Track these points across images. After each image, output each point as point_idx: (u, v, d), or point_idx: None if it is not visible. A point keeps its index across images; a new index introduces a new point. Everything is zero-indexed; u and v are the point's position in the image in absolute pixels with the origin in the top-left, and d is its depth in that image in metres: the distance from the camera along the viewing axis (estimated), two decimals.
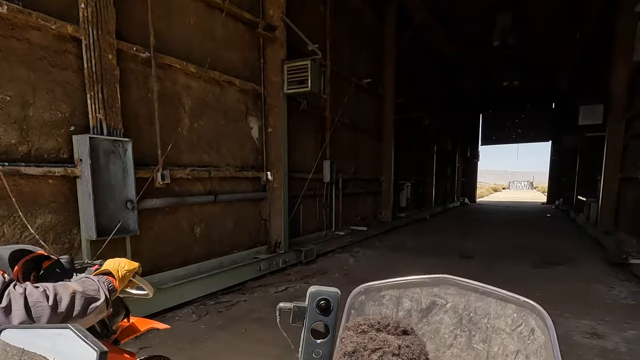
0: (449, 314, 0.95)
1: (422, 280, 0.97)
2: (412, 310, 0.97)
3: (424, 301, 0.97)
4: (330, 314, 0.90)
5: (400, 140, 13.11)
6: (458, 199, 23.71)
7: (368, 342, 0.85)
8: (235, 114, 6.11)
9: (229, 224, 6.09)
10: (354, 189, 10.39)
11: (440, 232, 11.74)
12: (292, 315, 0.92)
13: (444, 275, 0.95)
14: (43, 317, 1.00)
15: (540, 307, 0.85)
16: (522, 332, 0.86)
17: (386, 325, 0.90)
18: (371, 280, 1.02)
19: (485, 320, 0.91)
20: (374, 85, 11.19)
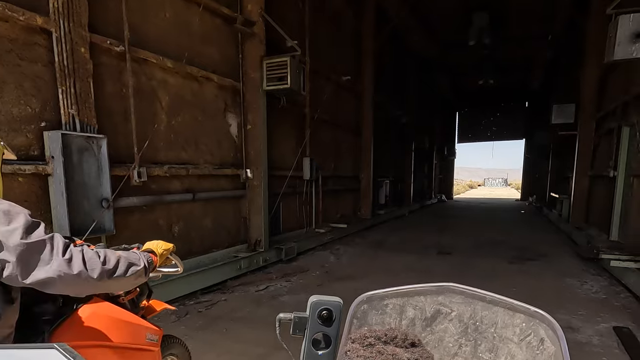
0: (453, 323, 0.93)
1: (426, 289, 0.95)
2: (415, 319, 0.95)
3: (428, 310, 0.95)
4: (333, 324, 0.87)
5: (379, 137, 13.19)
6: (435, 196, 24.08)
7: (376, 356, 0.83)
8: (213, 111, 6.01)
9: (208, 222, 5.99)
10: (334, 187, 10.39)
11: (419, 229, 11.89)
12: (292, 326, 0.88)
13: (449, 284, 0.93)
14: (96, 270, 1.22)
15: (551, 317, 0.82)
16: (530, 342, 0.85)
17: (394, 338, 0.88)
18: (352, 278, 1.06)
19: (492, 329, 0.89)
20: (353, 83, 11.21)
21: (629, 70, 7.40)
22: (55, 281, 1.16)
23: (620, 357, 3.59)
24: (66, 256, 1.18)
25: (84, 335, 1.48)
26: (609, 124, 8.62)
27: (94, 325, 1.51)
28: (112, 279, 1.28)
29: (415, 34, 14.51)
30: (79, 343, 1.43)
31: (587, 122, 9.90)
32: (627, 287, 5.53)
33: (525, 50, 16.49)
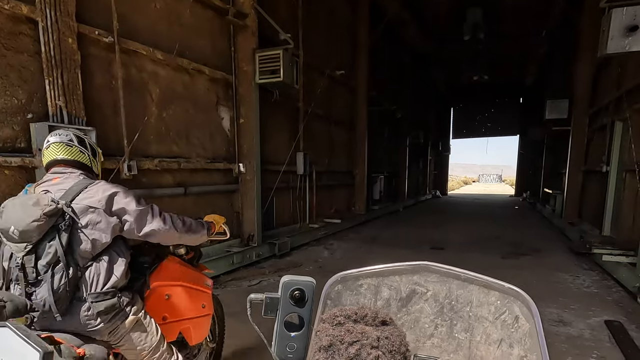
0: (429, 303, 0.91)
1: (401, 268, 0.93)
2: (391, 300, 0.93)
3: (403, 290, 0.93)
4: (305, 305, 0.84)
5: (374, 133, 13.17)
6: (430, 192, 24.13)
7: (345, 334, 0.81)
8: (205, 104, 5.94)
9: (202, 215, 5.91)
10: (328, 182, 10.36)
11: (413, 224, 11.89)
12: (264, 307, 0.85)
13: (425, 263, 0.91)
14: (179, 226, 1.93)
15: (525, 294, 0.81)
16: (505, 320, 0.84)
17: (364, 316, 0.85)
18: None
19: (468, 308, 0.88)
20: (348, 77, 11.16)
21: (621, 65, 7.41)
22: (156, 233, 1.86)
23: (611, 351, 3.60)
24: (161, 217, 1.89)
25: (169, 277, 2.14)
26: (602, 120, 8.64)
27: (173, 271, 2.18)
28: (188, 233, 2.00)
29: (410, 29, 14.46)
30: (166, 282, 2.11)
31: (581, 118, 9.92)
32: (618, 282, 5.56)
33: (520, 46, 16.50)
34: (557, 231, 10.36)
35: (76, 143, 1.91)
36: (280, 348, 0.83)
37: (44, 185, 1.80)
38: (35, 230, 1.56)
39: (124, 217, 1.79)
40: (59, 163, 1.87)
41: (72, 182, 1.79)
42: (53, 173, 1.85)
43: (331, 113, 10.37)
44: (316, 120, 9.46)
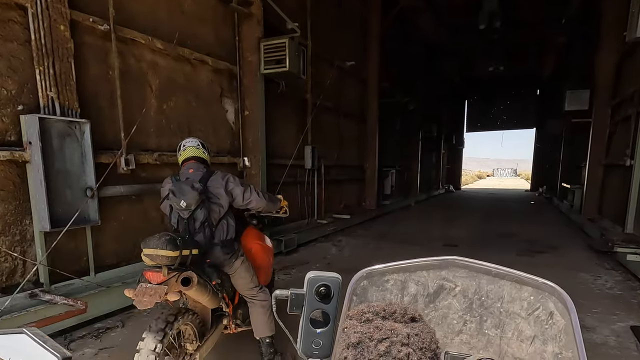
0: (457, 299, 0.90)
1: (429, 263, 0.92)
2: (418, 296, 0.92)
3: (431, 285, 0.92)
4: (331, 302, 0.81)
5: (385, 126, 12.87)
6: (443, 186, 23.71)
7: (374, 331, 0.80)
8: (208, 95, 5.74)
9: None
10: (337, 176, 10.12)
11: (425, 220, 11.60)
12: (289, 303, 0.83)
13: (453, 257, 0.89)
14: (265, 198, 2.88)
15: (561, 289, 0.79)
16: (539, 316, 0.82)
17: (392, 313, 0.84)
18: (354, 270, 0.92)
19: (498, 304, 0.86)
20: (358, 68, 10.85)
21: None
22: (252, 202, 2.82)
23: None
24: (255, 192, 2.84)
25: (251, 238, 3.13)
26: (625, 111, 8.19)
27: (253, 234, 3.19)
28: (269, 202, 2.94)
29: (423, 17, 14.03)
30: (251, 240, 3.11)
31: (602, 109, 9.46)
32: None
33: (538, 35, 15.92)
34: (575, 228, 9.97)
35: (201, 146, 2.98)
36: (306, 344, 0.81)
37: (186, 175, 2.79)
38: (194, 204, 2.56)
39: (233, 192, 2.79)
40: (191, 159, 2.91)
41: (202, 173, 2.78)
42: (188, 167, 2.86)
43: (341, 105, 10.10)
44: (325, 113, 9.20)
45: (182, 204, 2.52)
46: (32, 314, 3.37)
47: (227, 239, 2.76)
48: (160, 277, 2.14)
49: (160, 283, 2.14)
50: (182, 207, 2.55)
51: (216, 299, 2.63)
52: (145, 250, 2.17)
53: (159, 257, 2.13)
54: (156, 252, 2.13)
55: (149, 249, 2.15)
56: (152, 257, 2.14)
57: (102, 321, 3.95)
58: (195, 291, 2.32)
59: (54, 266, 3.77)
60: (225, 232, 2.75)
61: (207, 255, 2.64)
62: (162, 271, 2.14)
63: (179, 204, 2.54)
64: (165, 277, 2.14)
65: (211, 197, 2.69)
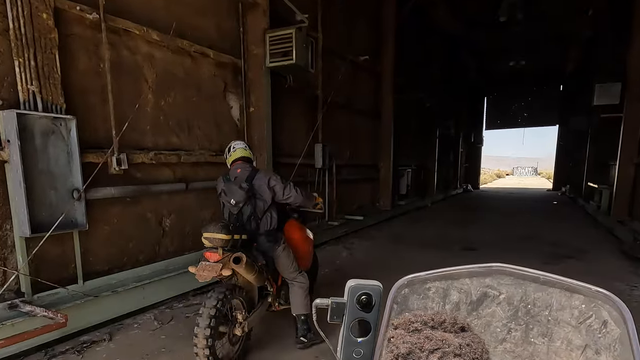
0: (502, 306, 0.86)
1: (472, 270, 0.88)
2: (460, 303, 0.88)
3: (474, 293, 0.88)
4: (372, 310, 0.78)
5: (400, 123, 12.41)
6: (461, 186, 23.03)
7: (424, 341, 0.75)
8: (211, 91, 5.41)
9: (206, 215, 5.44)
10: (349, 176, 9.72)
11: (442, 221, 11.11)
12: (329, 312, 0.79)
13: (498, 264, 0.84)
14: (302, 194, 3.37)
15: (616, 297, 0.74)
16: (591, 325, 0.76)
17: (442, 322, 0.79)
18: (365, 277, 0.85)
19: (546, 312, 0.81)
20: (372, 63, 10.43)
21: None
22: (291, 197, 3.27)
23: None
24: (294, 189, 3.29)
25: (293, 229, 3.58)
26: None
27: (295, 226, 3.63)
28: (305, 199, 3.39)
29: (440, 10, 13.50)
30: (293, 231, 3.57)
31: (635, 103, 8.82)
32: None
33: (562, 28, 15.19)
34: (604, 230, 9.34)
35: (248, 148, 3.49)
36: (347, 354, 0.80)
37: (234, 174, 3.25)
38: (242, 201, 3.08)
39: (275, 189, 3.20)
40: (239, 159, 3.34)
41: (249, 172, 3.23)
42: (236, 167, 3.29)
43: (354, 101, 9.70)
44: (337, 110, 8.82)
45: (232, 202, 3.11)
46: (9, 327, 3.09)
47: (271, 229, 3.23)
48: (216, 256, 2.71)
49: (216, 261, 2.68)
50: (232, 205, 3.13)
51: (262, 278, 3.09)
52: (204, 234, 2.75)
53: (215, 240, 2.70)
54: (213, 235, 2.71)
55: (207, 232, 2.74)
56: (210, 240, 2.72)
57: (89, 333, 3.66)
58: (244, 269, 2.78)
59: (38, 274, 3.49)
60: (269, 223, 3.21)
61: (254, 241, 3.16)
62: (218, 251, 2.71)
63: (229, 202, 3.14)
64: (220, 256, 2.70)
65: (256, 193, 3.18)
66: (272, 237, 3.21)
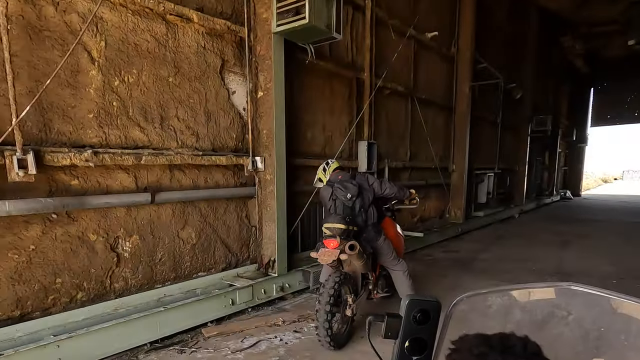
0: (570, 328, 0.81)
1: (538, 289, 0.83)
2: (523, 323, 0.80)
3: (539, 313, 0.83)
4: (429, 327, 0.75)
5: (480, 117, 10.21)
6: (558, 193, 19.56)
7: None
8: (198, 70, 4.04)
9: (188, 234, 4.10)
10: (407, 181, 7.87)
11: (530, 239, 8.76)
12: (384, 329, 0.77)
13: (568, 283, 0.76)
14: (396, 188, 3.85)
15: None
16: None
17: (511, 346, 0.68)
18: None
19: (622, 337, 0.76)
20: (445, 42, 8.44)
21: None
22: (387, 189, 3.76)
23: None
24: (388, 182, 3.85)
25: (389, 226, 3.98)
26: None
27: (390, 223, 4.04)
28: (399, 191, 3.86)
29: None
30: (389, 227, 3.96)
31: None
32: None
33: None
34: None
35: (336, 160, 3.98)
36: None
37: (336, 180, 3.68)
38: (355, 195, 3.54)
39: (374, 186, 3.71)
40: (337, 169, 3.83)
41: (349, 175, 3.79)
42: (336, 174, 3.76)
43: (416, 88, 7.81)
44: (392, 98, 7.06)
45: (347, 195, 3.53)
46: None
47: (374, 222, 3.68)
48: (335, 243, 3.15)
49: (335, 248, 3.13)
50: (348, 198, 3.53)
51: (368, 265, 3.52)
52: (325, 224, 3.30)
53: (334, 229, 3.21)
54: (333, 225, 3.23)
55: (328, 223, 3.28)
56: (330, 229, 3.23)
57: None
58: (356, 256, 3.20)
59: None
60: (373, 217, 3.67)
61: (362, 232, 3.54)
62: (336, 239, 3.16)
63: (345, 196, 3.53)
64: (338, 243, 3.13)
65: (362, 189, 3.62)
66: (376, 228, 3.67)
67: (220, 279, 4.30)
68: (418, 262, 6.56)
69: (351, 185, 3.55)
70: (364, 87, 6.16)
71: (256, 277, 4.55)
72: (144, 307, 3.55)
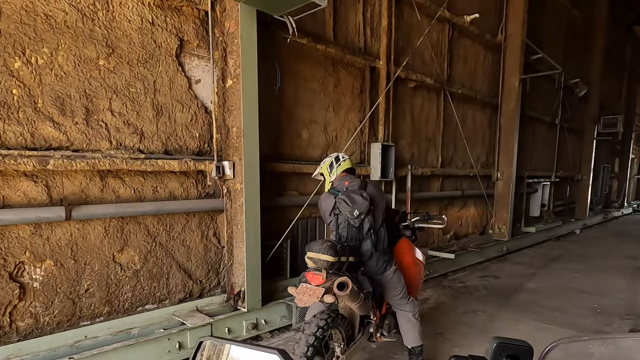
0: None
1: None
2: None
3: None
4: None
5: (535, 116, 8.73)
6: (630, 204, 17.10)
7: None
8: (144, 51, 3.20)
9: (129, 258, 3.26)
10: (439, 191, 6.66)
11: (594, 262, 7.18)
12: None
13: None
14: None
15: None
16: None
17: None
18: None
19: None
20: (488, 26, 7.14)
21: None
22: None
23: None
24: None
25: (404, 250, 3.11)
26: None
27: (406, 247, 3.14)
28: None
29: None
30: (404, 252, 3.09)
31: None
32: None
33: None
34: None
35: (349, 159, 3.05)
36: None
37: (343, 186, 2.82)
38: (365, 212, 2.65)
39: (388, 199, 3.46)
40: (346, 171, 2.97)
41: (359, 183, 2.82)
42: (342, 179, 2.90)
43: (451, 81, 6.59)
44: (417, 92, 5.92)
45: (355, 212, 2.64)
46: None
47: (386, 247, 2.83)
48: (319, 279, 2.32)
49: (319, 285, 2.30)
50: (354, 216, 2.65)
51: (366, 307, 2.69)
52: (308, 253, 2.40)
53: (320, 261, 2.34)
54: (318, 256, 2.34)
55: (311, 252, 2.38)
56: (314, 260, 2.36)
57: None
58: (348, 296, 2.38)
59: None
60: (384, 240, 2.82)
61: (363, 264, 2.72)
62: (321, 274, 2.32)
63: (352, 213, 2.65)
64: (324, 280, 2.31)
65: (374, 204, 2.75)
66: (387, 256, 2.83)
67: (172, 314, 3.43)
68: (444, 290, 5.38)
69: (361, 199, 2.66)
70: (380, 77, 5.08)
71: (221, 311, 3.64)
72: (49, 355, 2.74)
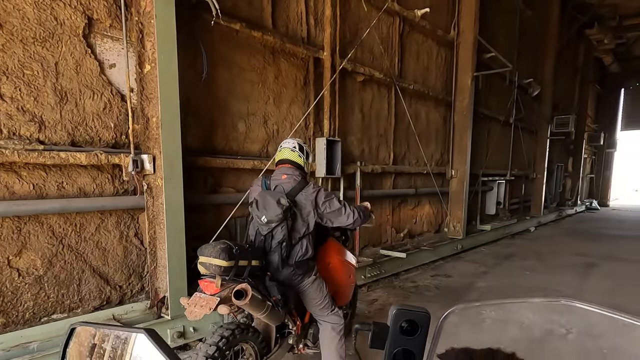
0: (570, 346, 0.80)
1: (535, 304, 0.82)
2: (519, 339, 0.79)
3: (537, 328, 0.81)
4: (417, 339, 0.71)
5: (489, 115, 8.79)
6: (582, 202, 17.72)
7: None
8: (42, 29, 2.83)
9: (29, 262, 2.88)
10: (392, 189, 6.52)
11: (545, 260, 7.25)
12: (370, 338, 0.74)
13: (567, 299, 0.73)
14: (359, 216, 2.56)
15: None
16: None
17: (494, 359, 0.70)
18: None
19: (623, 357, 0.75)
20: (441, 22, 7.10)
21: None
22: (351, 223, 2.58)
23: None
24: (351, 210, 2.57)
25: (331, 252, 2.82)
26: None
27: (334, 248, 2.87)
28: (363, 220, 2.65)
29: None
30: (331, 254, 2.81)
31: None
32: None
33: None
34: None
35: (297, 149, 2.60)
36: None
37: (276, 181, 2.50)
38: (275, 222, 2.31)
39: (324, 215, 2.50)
40: (286, 162, 2.57)
41: (295, 183, 2.46)
42: (281, 171, 2.53)
43: (403, 77, 6.47)
44: (367, 87, 5.75)
45: (263, 219, 2.35)
46: None
47: (302, 260, 2.47)
48: (213, 288, 2.01)
49: (214, 294, 2.00)
50: (263, 223, 2.37)
51: (277, 316, 2.30)
52: (200, 257, 2.06)
53: (212, 267, 2.01)
54: (210, 260, 2.01)
55: (203, 257, 2.05)
56: (206, 266, 2.03)
57: None
58: (249, 305, 2.05)
59: None
60: (302, 254, 2.46)
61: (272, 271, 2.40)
62: (215, 281, 2.01)
63: (260, 219, 2.37)
64: (219, 288, 2.00)
65: (298, 213, 2.44)
66: (300, 270, 2.46)
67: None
68: (394, 290, 5.22)
69: (274, 205, 2.31)
70: (324, 69, 4.87)
71: (143, 319, 3.31)
72: None
